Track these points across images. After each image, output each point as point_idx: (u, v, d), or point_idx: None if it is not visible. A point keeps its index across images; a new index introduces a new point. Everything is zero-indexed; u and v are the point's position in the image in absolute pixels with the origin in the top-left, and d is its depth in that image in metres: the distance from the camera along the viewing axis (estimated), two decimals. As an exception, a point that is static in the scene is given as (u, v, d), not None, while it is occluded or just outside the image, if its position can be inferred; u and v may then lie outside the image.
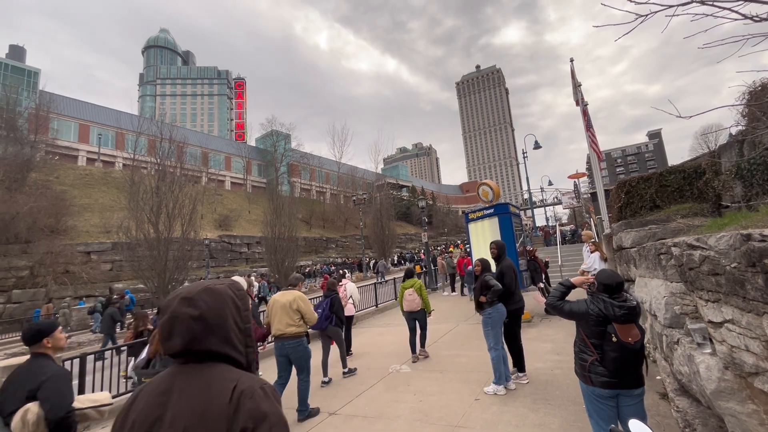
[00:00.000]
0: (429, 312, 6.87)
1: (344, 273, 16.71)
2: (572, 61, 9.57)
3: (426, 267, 18.47)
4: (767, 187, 4.19)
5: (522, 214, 17.97)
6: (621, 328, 2.48)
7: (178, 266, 20.24)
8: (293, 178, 56.57)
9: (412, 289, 6.75)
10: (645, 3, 2.09)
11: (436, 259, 18.61)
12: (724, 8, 2.01)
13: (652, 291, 3.82)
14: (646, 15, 2.12)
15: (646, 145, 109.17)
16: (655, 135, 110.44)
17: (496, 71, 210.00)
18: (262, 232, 28.22)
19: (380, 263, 26.60)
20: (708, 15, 2.04)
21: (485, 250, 5.78)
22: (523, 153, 28.20)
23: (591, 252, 7.40)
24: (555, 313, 2.91)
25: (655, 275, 3.89)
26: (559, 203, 35.44)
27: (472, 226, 9.75)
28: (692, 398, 2.99)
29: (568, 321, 2.91)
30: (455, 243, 36.17)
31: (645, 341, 2.83)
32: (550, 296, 2.96)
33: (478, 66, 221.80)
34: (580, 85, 9.21)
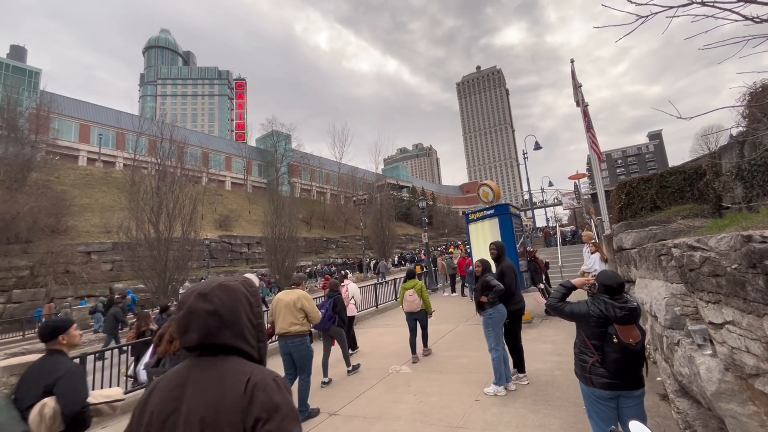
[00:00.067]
0: (430, 313, 6.92)
1: (346, 274, 16.68)
2: (573, 62, 9.58)
3: (426, 268, 18.47)
4: (768, 189, 4.19)
5: (522, 214, 17.97)
6: (622, 329, 2.48)
7: (178, 266, 20.29)
8: (293, 178, 56.54)
9: (412, 289, 6.78)
10: (645, 4, 2.09)
11: (437, 259, 18.61)
12: (725, 9, 2.01)
13: (653, 292, 3.81)
14: (647, 16, 2.12)
15: (647, 146, 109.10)
16: (655, 136, 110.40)
17: (496, 72, 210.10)
18: (263, 233, 28.26)
19: (381, 263, 26.61)
20: (708, 16, 2.04)
21: (485, 251, 5.78)
22: (524, 154, 28.20)
23: (591, 253, 7.40)
24: (556, 315, 2.90)
25: (656, 276, 3.88)
26: (560, 204, 35.46)
27: (472, 227, 9.76)
28: (693, 400, 2.98)
29: (568, 322, 2.91)
30: (455, 244, 36.22)
31: (646, 342, 2.82)
32: (550, 297, 2.95)
33: (478, 67, 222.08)
34: (580, 86, 9.22)
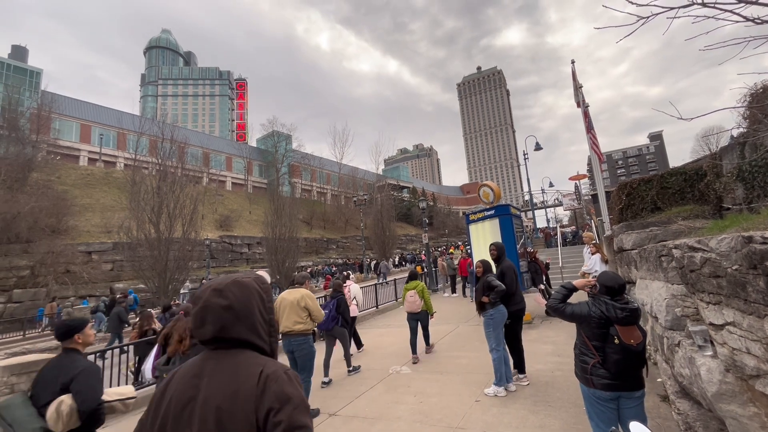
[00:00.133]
0: (431, 314, 6.95)
1: (348, 274, 16.71)
2: (573, 62, 9.58)
3: (426, 268, 18.46)
4: (769, 190, 4.19)
5: (523, 215, 17.93)
6: (623, 330, 2.48)
7: (178, 266, 20.30)
8: (294, 178, 56.56)
9: (414, 290, 6.81)
10: (646, 5, 2.09)
11: (437, 260, 18.60)
12: (726, 10, 2.01)
13: (653, 293, 3.81)
14: (648, 17, 2.13)
15: (648, 147, 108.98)
16: (656, 137, 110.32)
17: (497, 72, 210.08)
18: (263, 233, 28.23)
19: (382, 264, 26.61)
20: (709, 17, 2.04)
21: (486, 252, 5.78)
22: (524, 154, 28.16)
23: (592, 254, 7.39)
24: (556, 316, 2.90)
25: (656, 277, 3.88)
26: (560, 205, 35.41)
27: (472, 227, 9.76)
28: (693, 401, 2.98)
29: (568, 323, 2.90)
30: (456, 244, 36.15)
31: (646, 343, 2.82)
32: (551, 298, 2.95)
33: (479, 67, 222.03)
34: (581, 87, 9.22)
